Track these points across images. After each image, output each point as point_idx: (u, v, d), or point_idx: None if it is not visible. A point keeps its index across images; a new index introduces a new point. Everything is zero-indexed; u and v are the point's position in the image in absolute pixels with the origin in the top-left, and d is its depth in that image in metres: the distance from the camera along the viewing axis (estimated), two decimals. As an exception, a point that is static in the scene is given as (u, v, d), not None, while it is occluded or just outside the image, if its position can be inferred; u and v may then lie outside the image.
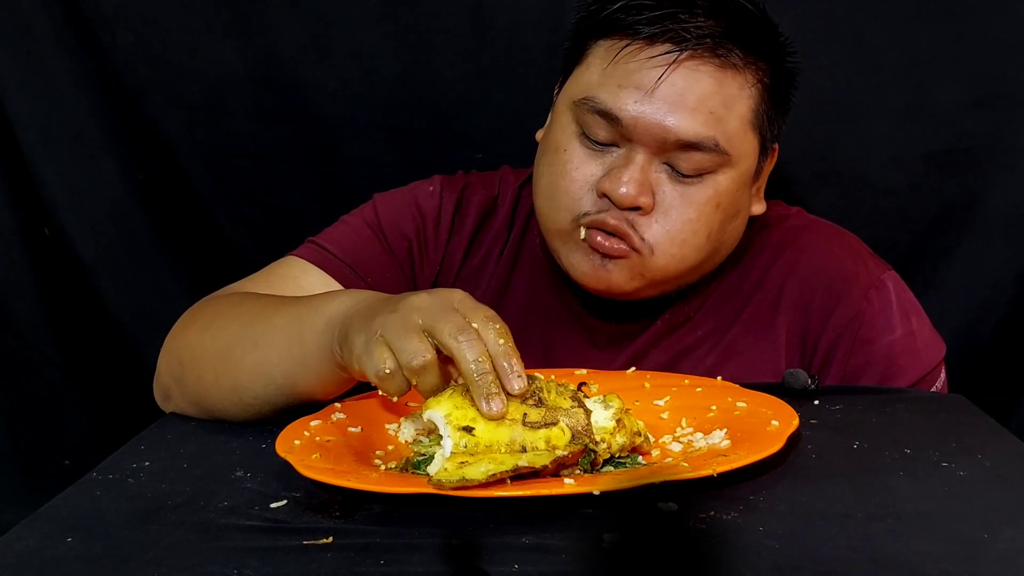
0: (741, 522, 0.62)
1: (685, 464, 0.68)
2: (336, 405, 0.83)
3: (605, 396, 0.75)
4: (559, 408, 0.70)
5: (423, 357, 0.70)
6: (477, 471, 0.64)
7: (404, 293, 0.76)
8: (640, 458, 0.75)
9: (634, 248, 0.92)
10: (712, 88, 0.90)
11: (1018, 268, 1.31)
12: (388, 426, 0.82)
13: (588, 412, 0.72)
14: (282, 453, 0.70)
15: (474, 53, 1.32)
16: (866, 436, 0.79)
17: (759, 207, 1.01)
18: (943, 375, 1.01)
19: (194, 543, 0.62)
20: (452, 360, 0.70)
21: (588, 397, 0.75)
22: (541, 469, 0.66)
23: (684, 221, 0.92)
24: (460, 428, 0.68)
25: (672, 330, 1.03)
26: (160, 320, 1.00)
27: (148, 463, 0.77)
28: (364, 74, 1.34)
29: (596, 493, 0.63)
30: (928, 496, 0.67)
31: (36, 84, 1.32)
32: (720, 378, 0.90)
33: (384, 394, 0.73)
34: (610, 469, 0.72)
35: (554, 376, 0.77)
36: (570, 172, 0.94)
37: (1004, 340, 1.33)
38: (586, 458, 0.70)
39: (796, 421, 0.74)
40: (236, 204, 1.41)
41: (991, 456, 0.74)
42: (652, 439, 0.77)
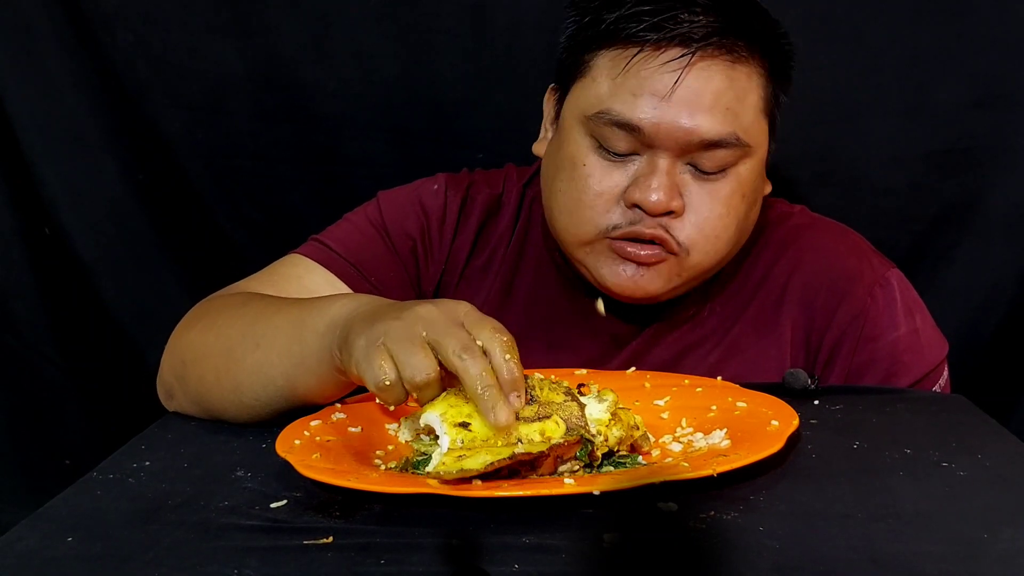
0: (741, 522, 0.62)
1: (685, 464, 0.68)
2: (336, 405, 0.83)
3: (599, 390, 0.75)
4: (552, 403, 0.71)
5: (427, 374, 0.70)
6: (475, 462, 0.64)
7: (409, 301, 0.75)
8: (640, 458, 0.75)
9: (671, 252, 0.92)
10: (725, 84, 0.90)
11: (1018, 268, 1.31)
12: (388, 426, 0.82)
13: (582, 405, 0.72)
14: (282, 453, 0.70)
15: (474, 53, 1.32)
16: (866, 436, 0.79)
17: (768, 186, 1.02)
18: (946, 373, 1.01)
19: (194, 543, 0.62)
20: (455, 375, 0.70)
21: (584, 395, 0.75)
22: (538, 455, 0.66)
23: (716, 217, 0.92)
24: (456, 424, 0.68)
25: (676, 327, 1.03)
26: (160, 320, 1.00)
27: (148, 463, 0.77)
28: (364, 74, 1.34)
29: (596, 493, 0.63)
30: (928, 496, 0.67)
31: (36, 84, 1.32)
32: (720, 378, 0.90)
33: (381, 402, 0.73)
34: (610, 469, 0.72)
35: (554, 376, 0.77)
36: (592, 187, 0.93)
37: (1004, 340, 1.33)
38: (583, 449, 0.70)
39: (796, 421, 0.74)
40: (236, 204, 1.41)
41: (991, 456, 0.74)
42: (652, 439, 0.78)
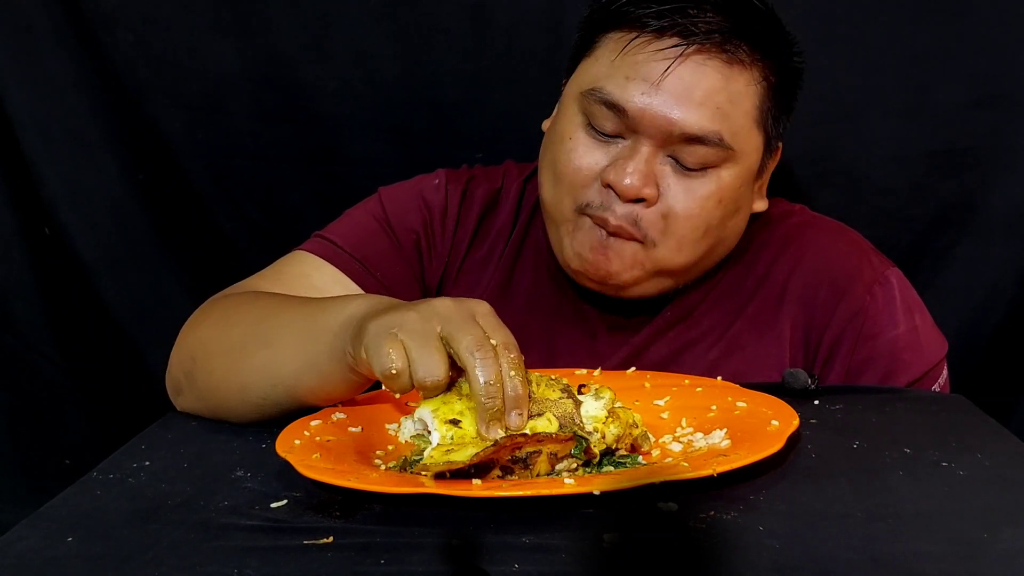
0: (741, 522, 0.62)
1: (685, 464, 0.68)
2: (336, 405, 0.83)
3: (597, 388, 0.75)
4: (546, 400, 0.71)
5: (436, 377, 0.70)
6: (463, 454, 0.65)
7: (426, 298, 0.75)
8: (640, 458, 0.75)
9: (637, 239, 0.93)
10: (719, 83, 0.90)
11: (1018, 268, 1.31)
12: (388, 426, 0.82)
13: (578, 403, 0.72)
14: (282, 453, 0.70)
15: (474, 53, 1.32)
16: (866, 436, 0.79)
17: (761, 204, 1.02)
18: (945, 372, 1.01)
19: (194, 543, 0.62)
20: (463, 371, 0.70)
21: (583, 394, 0.75)
22: (522, 439, 0.67)
23: (686, 214, 0.93)
24: (447, 421, 0.69)
25: (675, 324, 1.03)
26: (160, 320, 1.00)
27: (148, 463, 0.77)
28: (364, 74, 1.34)
29: (596, 493, 0.63)
30: (928, 496, 0.67)
31: (36, 84, 1.32)
32: (720, 378, 0.90)
33: (386, 389, 0.73)
34: (610, 469, 0.72)
35: (554, 375, 0.77)
36: (574, 160, 0.94)
37: (1004, 340, 1.33)
38: (578, 447, 0.70)
39: (796, 421, 0.74)
40: (236, 204, 1.40)
41: (991, 456, 0.74)
42: (652, 438, 0.78)
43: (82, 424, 1.42)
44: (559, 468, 0.70)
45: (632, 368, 0.94)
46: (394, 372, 0.70)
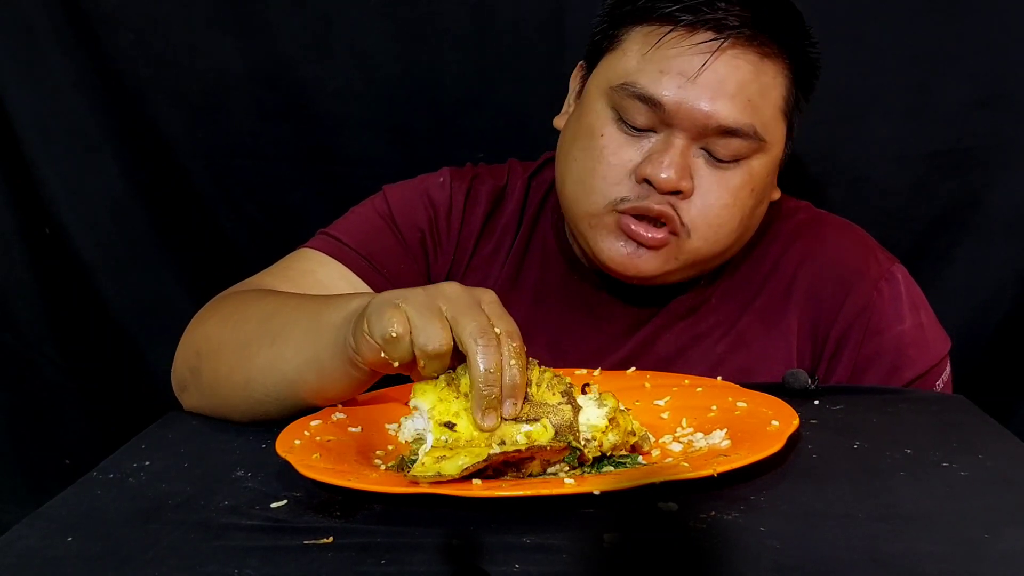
0: (742, 522, 0.62)
1: (685, 464, 0.68)
2: (336, 405, 0.83)
3: (601, 394, 0.74)
4: (545, 404, 0.70)
5: (440, 343, 0.69)
6: (453, 465, 0.64)
7: (435, 283, 0.75)
8: (640, 458, 0.75)
9: (674, 232, 0.93)
10: (751, 76, 0.91)
11: (1020, 268, 1.31)
12: (388, 426, 0.81)
13: (577, 409, 0.71)
14: (282, 453, 0.70)
15: (476, 52, 1.33)
16: (867, 436, 0.79)
17: (776, 193, 1.03)
18: (948, 369, 1.02)
19: (194, 543, 0.62)
20: (464, 356, 0.70)
21: (586, 394, 0.74)
22: (515, 454, 0.66)
23: (721, 205, 0.93)
24: (441, 424, 0.68)
25: (682, 317, 1.04)
26: (160, 320, 1.00)
27: (149, 463, 0.77)
28: (365, 73, 1.34)
29: (596, 493, 0.63)
30: (929, 496, 0.67)
31: (36, 84, 1.32)
32: (720, 377, 0.90)
33: (386, 357, 0.72)
34: (610, 469, 0.72)
35: (559, 374, 0.76)
36: (607, 157, 0.94)
37: (1005, 340, 1.33)
38: (572, 455, 0.70)
39: (796, 421, 0.74)
40: (236, 204, 1.40)
41: (992, 456, 0.74)
42: (652, 439, 0.77)
43: (82, 424, 1.42)
44: (550, 471, 0.70)
45: (632, 368, 0.94)
46: (394, 335, 0.70)
